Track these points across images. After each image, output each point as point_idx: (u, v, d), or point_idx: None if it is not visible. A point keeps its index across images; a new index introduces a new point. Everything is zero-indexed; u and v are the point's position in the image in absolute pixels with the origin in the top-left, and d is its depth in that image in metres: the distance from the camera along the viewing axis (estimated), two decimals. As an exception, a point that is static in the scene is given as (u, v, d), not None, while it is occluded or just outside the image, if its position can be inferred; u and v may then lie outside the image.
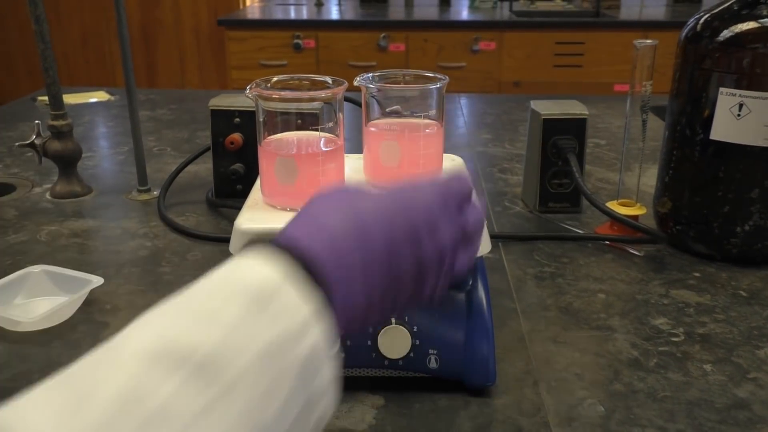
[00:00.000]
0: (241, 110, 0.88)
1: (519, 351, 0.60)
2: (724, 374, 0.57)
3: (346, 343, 0.53)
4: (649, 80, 0.76)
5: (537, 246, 0.81)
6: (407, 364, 0.53)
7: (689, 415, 0.52)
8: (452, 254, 0.40)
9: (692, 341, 0.62)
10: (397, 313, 0.43)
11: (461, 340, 0.53)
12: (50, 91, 0.92)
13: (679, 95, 0.76)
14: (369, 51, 2.82)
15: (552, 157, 0.86)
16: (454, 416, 0.52)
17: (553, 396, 0.54)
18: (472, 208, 0.42)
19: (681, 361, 0.59)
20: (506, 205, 0.93)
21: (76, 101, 1.49)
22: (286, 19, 2.98)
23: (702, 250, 0.77)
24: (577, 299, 0.69)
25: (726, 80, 0.70)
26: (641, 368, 0.58)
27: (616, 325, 0.64)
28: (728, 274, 0.74)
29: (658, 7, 3.19)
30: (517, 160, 1.13)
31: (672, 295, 0.70)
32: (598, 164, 1.10)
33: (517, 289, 0.71)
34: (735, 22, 0.70)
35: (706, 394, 0.54)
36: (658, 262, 0.77)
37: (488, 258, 0.77)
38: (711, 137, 0.72)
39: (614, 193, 0.87)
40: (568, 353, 0.60)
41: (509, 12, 3.11)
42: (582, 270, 0.75)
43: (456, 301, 0.54)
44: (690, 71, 0.74)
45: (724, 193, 0.73)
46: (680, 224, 0.78)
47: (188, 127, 1.31)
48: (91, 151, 1.17)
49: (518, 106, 1.50)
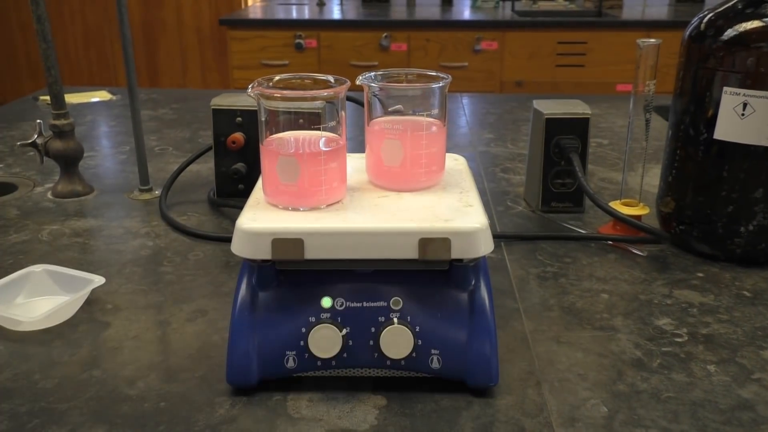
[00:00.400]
0: (243, 109, 0.87)
1: (522, 351, 0.60)
2: (728, 375, 0.57)
3: (348, 343, 0.53)
4: (652, 79, 0.76)
5: (539, 246, 0.80)
6: (409, 364, 0.53)
7: (693, 415, 0.52)
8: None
9: (696, 342, 0.61)
10: None
11: (464, 341, 0.53)
12: (52, 90, 0.92)
13: (683, 94, 0.75)
14: (371, 51, 2.82)
15: (554, 157, 0.86)
16: (456, 417, 0.51)
17: (556, 396, 0.54)
18: None
19: (685, 361, 0.58)
20: (509, 205, 0.93)
21: (77, 101, 1.49)
22: (288, 19, 2.97)
23: (705, 250, 0.76)
24: (580, 299, 0.68)
25: (730, 79, 0.70)
26: (645, 369, 0.57)
27: (619, 326, 0.64)
28: (732, 274, 0.74)
29: (660, 6, 3.19)
30: (519, 159, 1.13)
31: (675, 295, 0.69)
32: (600, 164, 1.10)
33: (520, 289, 0.70)
34: (739, 21, 0.70)
35: (710, 394, 0.54)
36: (661, 262, 0.76)
37: (491, 258, 0.76)
38: (715, 137, 0.72)
39: (617, 192, 0.87)
40: (571, 353, 0.59)
41: (511, 12, 3.11)
42: (585, 270, 0.74)
43: (458, 301, 0.54)
44: (694, 70, 0.73)
45: (727, 192, 0.73)
46: (683, 224, 0.77)
47: (190, 127, 1.31)
48: (93, 151, 1.17)
49: (520, 106, 1.50)
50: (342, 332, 0.52)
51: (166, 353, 0.59)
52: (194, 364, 0.58)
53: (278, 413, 0.52)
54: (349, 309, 0.53)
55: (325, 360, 0.53)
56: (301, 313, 0.53)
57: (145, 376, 0.56)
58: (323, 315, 0.53)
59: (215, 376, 0.56)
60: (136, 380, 0.56)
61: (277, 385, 0.54)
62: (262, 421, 0.51)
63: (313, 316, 0.53)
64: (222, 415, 0.51)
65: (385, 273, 0.54)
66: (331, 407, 0.52)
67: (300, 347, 0.53)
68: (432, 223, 0.52)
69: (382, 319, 0.53)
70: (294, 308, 0.53)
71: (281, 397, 0.53)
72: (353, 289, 0.53)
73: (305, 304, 0.53)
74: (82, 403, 0.53)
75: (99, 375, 0.56)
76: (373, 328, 0.53)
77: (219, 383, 0.55)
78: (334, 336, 0.52)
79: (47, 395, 0.54)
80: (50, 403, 0.53)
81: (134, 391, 0.54)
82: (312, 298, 0.53)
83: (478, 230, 0.52)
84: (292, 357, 0.53)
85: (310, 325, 0.52)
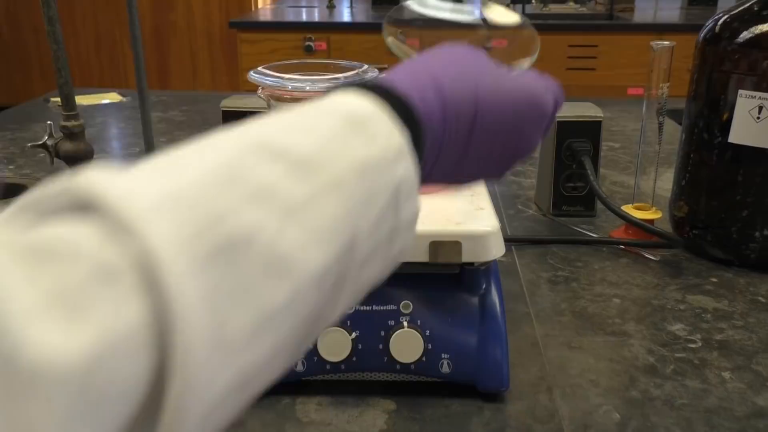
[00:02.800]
0: (253, 111, 0.87)
1: (533, 356, 0.59)
2: (743, 382, 0.56)
3: (357, 347, 0.52)
4: (666, 82, 0.75)
5: (551, 250, 0.80)
6: (419, 368, 0.52)
7: (708, 423, 0.51)
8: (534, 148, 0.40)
9: (710, 348, 0.60)
10: (472, 181, 0.41)
11: (474, 345, 0.52)
12: (63, 91, 0.92)
13: (697, 98, 0.74)
14: (381, 53, 2.81)
15: (566, 160, 0.85)
16: (466, 422, 0.51)
17: (567, 402, 0.53)
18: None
19: (699, 368, 0.58)
20: (519, 209, 0.92)
21: (88, 102, 1.50)
22: (298, 21, 2.98)
23: (719, 255, 0.75)
24: (591, 304, 0.68)
25: (745, 82, 0.69)
26: (658, 375, 0.57)
27: (631, 331, 0.63)
28: (746, 279, 0.73)
29: (672, 9, 3.17)
30: (530, 163, 1.12)
31: (689, 300, 0.69)
32: (612, 167, 1.09)
33: (531, 294, 0.70)
34: (755, 23, 0.69)
35: (725, 402, 0.53)
36: (674, 266, 0.76)
37: (501, 262, 0.76)
38: (730, 140, 0.71)
39: (629, 196, 0.86)
40: (583, 359, 0.59)
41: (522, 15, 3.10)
42: (597, 274, 0.74)
43: (469, 304, 0.53)
44: (708, 73, 0.73)
45: (742, 197, 0.72)
46: (697, 228, 0.76)
47: (200, 129, 1.30)
48: (103, 152, 1.17)
49: (531, 109, 1.49)
50: (351, 336, 0.52)
51: (175, 355, 0.59)
52: (202, 367, 0.57)
53: (287, 417, 0.51)
54: (358, 312, 0.52)
55: (335, 364, 0.52)
56: (310, 316, 0.52)
57: (153, 379, 0.56)
58: (333, 318, 0.52)
59: (223, 379, 0.55)
60: (145, 382, 0.55)
61: (286, 389, 0.54)
62: (270, 425, 0.50)
63: (323, 319, 0.52)
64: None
65: (394, 276, 0.53)
66: (340, 411, 0.52)
67: (309, 350, 0.52)
68: (443, 225, 0.52)
69: (392, 322, 0.52)
70: (303, 311, 0.53)
71: (290, 400, 0.53)
72: (363, 292, 0.53)
73: (314, 307, 0.53)
74: (90, 405, 0.52)
75: (107, 377, 0.56)
76: (383, 332, 0.52)
77: (227, 386, 0.54)
78: (344, 339, 0.51)
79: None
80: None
81: (142, 393, 0.54)
82: (321, 301, 0.53)
83: (490, 233, 0.51)
84: (301, 360, 0.52)
85: (320, 329, 0.52)
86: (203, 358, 0.21)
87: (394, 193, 0.30)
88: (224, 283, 0.22)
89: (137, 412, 0.20)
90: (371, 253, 0.29)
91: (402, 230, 0.31)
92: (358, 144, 0.29)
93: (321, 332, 0.30)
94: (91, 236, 0.20)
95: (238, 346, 0.22)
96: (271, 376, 0.26)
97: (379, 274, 0.31)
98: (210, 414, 0.22)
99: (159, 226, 0.21)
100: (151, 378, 0.20)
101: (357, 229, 0.28)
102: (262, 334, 0.23)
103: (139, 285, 0.20)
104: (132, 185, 0.22)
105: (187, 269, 0.20)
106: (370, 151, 0.29)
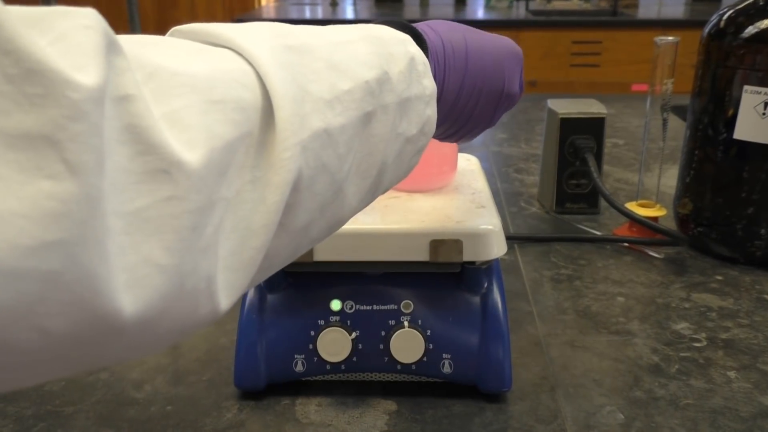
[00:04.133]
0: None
1: (535, 356, 0.58)
2: (749, 381, 0.55)
3: (357, 347, 0.52)
4: (670, 78, 0.74)
5: (553, 248, 0.79)
6: (420, 368, 0.52)
7: (713, 423, 0.50)
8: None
9: (715, 347, 0.60)
10: (467, 129, 0.47)
11: (476, 345, 0.52)
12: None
13: (702, 94, 0.74)
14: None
15: (569, 157, 0.85)
16: (468, 423, 0.50)
17: (570, 402, 0.52)
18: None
19: (704, 367, 0.57)
20: (522, 206, 0.91)
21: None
22: (302, 19, 2.97)
23: (724, 252, 0.75)
24: (595, 302, 0.67)
25: (751, 78, 0.68)
26: (662, 374, 0.56)
27: (635, 330, 0.62)
28: (752, 277, 0.72)
29: (676, 5, 3.16)
30: (533, 160, 1.11)
31: (693, 298, 0.68)
32: (616, 164, 1.08)
33: (534, 292, 0.69)
34: (760, 18, 0.68)
35: (731, 402, 0.52)
36: (678, 264, 0.75)
37: (504, 260, 0.75)
38: (734, 137, 0.70)
39: (633, 193, 0.85)
40: (587, 358, 0.58)
41: (525, 11, 3.09)
42: (600, 272, 0.73)
43: (470, 304, 0.53)
44: (713, 69, 0.72)
45: (748, 194, 0.71)
46: (702, 226, 0.76)
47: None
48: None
49: (534, 106, 1.48)
50: (351, 336, 0.51)
51: (174, 356, 0.59)
52: (202, 368, 0.57)
53: (287, 418, 0.51)
54: (358, 312, 0.52)
55: (335, 364, 0.52)
56: (310, 316, 0.52)
57: (152, 380, 0.55)
58: (332, 318, 0.52)
59: (223, 380, 0.55)
60: (143, 383, 0.55)
61: (286, 389, 0.53)
62: (270, 426, 0.50)
63: (322, 319, 0.52)
64: (229, 420, 0.51)
65: (395, 275, 0.53)
66: (341, 412, 0.51)
67: (309, 351, 0.52)
68: (443, 224, 0.51)
69: (392, 322, 0.52)
70: (303, 311, 0.52)
71: (289, 401, 0.53)
72: (363, 291, 0.52)
73: (314, 306, 0.52)
74: (88, 407, 0.52)
75: (106, 378, 0.56)
76: (384, 332, 0.52)
77: (227, 387, 0.54)
78: (344, 339, 0.51)
79: (53, 398, 0.53)
80: (56, 406, 0.52)
81: (141, 394, 0.54)
82: (321, 300, 0.52)
83: (491, 232, 0.51)
84: (300, 360, 0.52)
85: (319, 329, 0.51)
86: (296, 102, 0.29)
87: (411, 62, 0.37)
88: (298, 66, 0.30)
89: (256, 131, 0.28)
90: (400, 104, 0.36)
91: (424, 99, 0.38)
92: (374, 30, 0.38)
93: (374, 166, 0.35)
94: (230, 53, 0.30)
95: (320, 106, 0.30)
96: (343, 165, 0.32)
97: (406, 130, 0.37)
98: (306, 147, 0.29)
99: (261, 47, 0.30)
100: (261, 106, 0.28)
101: (387, 68, 0.35)
102: (337, 105, 0.31)
103: (240, 58, 0.29)
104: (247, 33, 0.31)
105: (267, 51, 0.29)
106: (383, 32, 0.37)
